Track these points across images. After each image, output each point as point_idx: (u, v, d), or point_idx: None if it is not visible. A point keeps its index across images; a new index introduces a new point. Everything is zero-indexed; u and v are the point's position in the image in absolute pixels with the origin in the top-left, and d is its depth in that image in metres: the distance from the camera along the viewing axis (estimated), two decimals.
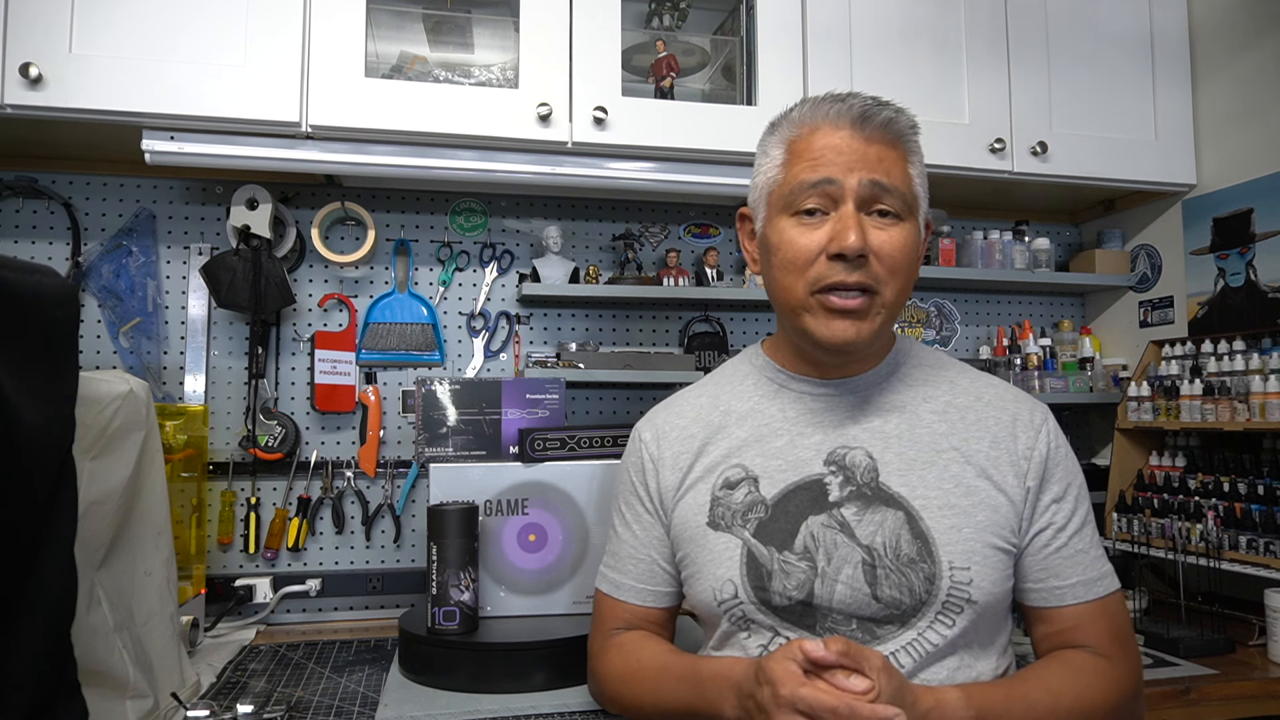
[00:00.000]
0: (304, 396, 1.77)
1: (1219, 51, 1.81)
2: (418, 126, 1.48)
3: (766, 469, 0.94)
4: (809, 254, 0.88)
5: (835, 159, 0.88)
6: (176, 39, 1.40)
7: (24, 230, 1.68)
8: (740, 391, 1.02)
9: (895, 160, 0.90)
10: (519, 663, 1.26)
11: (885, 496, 0.89)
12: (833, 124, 0.90)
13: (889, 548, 0.87)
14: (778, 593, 0.89)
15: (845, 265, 0.87)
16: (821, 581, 0.88)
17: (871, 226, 0.88)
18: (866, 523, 0.89)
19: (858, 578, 0.87)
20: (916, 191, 0.91)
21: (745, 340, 1.99)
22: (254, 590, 1.66)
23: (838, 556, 0.88)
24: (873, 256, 0.87)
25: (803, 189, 0.89)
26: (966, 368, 1.00)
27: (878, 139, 0.89)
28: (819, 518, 0.90)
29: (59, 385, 0.86)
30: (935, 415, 0.94)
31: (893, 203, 0.88)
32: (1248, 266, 1.71)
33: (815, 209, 0.89)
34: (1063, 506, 0.91)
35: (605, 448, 1.46)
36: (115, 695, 1.03)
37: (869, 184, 0.88)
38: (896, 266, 0.88)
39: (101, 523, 1.05)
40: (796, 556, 0.90)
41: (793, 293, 0.90)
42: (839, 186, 0.88)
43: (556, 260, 1.82)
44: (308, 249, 1.77)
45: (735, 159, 1.61)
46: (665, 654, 0.99)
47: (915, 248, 0.91)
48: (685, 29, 1.80)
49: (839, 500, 0.90)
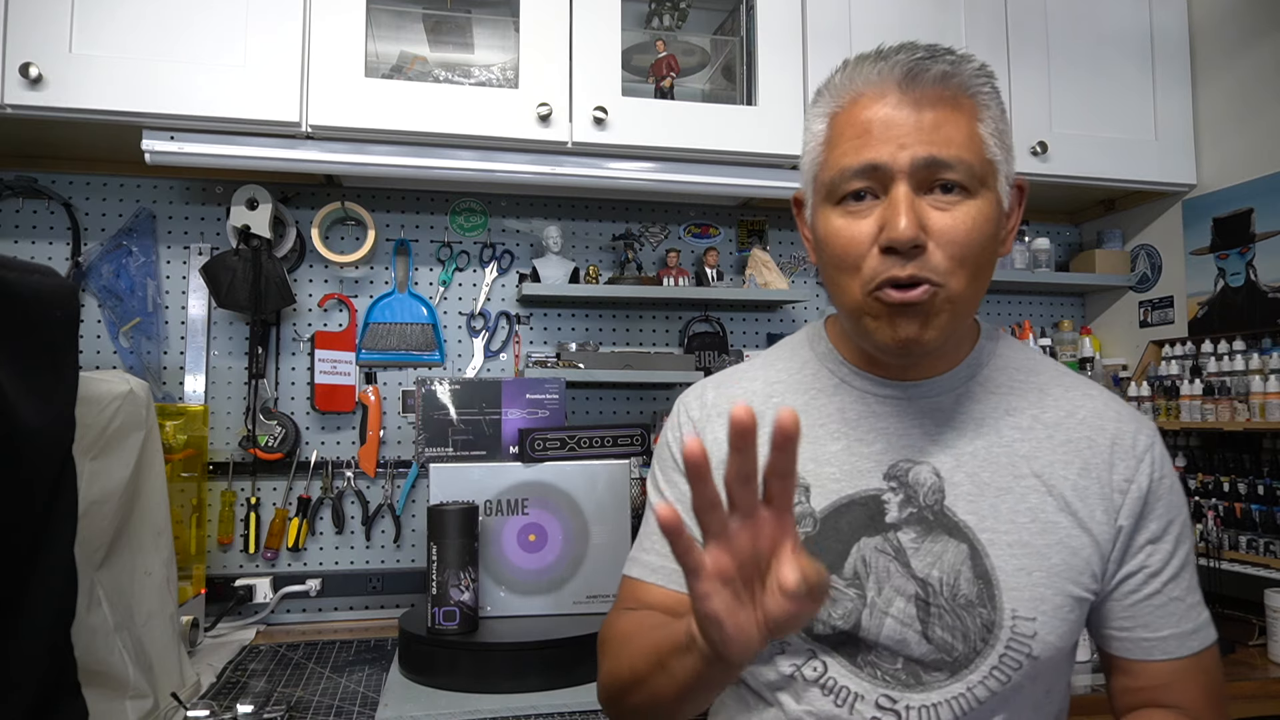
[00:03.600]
0: (304, 396, 1.77)
1: (1219, 51, 1.81)
2: (418, 126, 1.48)
3: (819, 477, 0.81)
4: (860, 247, 0.74)
5: (882, 135, 0.73)
6: (176, 39, 1.40)
7: (24, 230, 1.68)
8: (798, 381, 0.88)
9: (959, 123, 0.73)
10: (519, 663, 1.26)
11: (949, 524, 0.77)
12: (876, 90, 0.74)
13: (946, 584, 0.76)
14: (821, 620, 0.78)
15: (899, 258, 0.72)
16: (870, 613, 0.77)
17: (932, 208, 0.72)
18: (925, 552, 0.77)
19: (909, 613, 0.76)
20: (991, 156, 0.74)
21: (745, 340, 1.99)
22: (254, 590, 1.66)
23: (889, 587, 0.77)
24: (932, 244, 0.72)
25: (845, 176, 0.74)
26: (1064, 373, 0.84)
27: (933, 100, 0.73)
28: (873, 540, 0.79)
29: (59, 385, 0.86)
30: (1018, 432, 0.79)
31: (957, 176, 0.72)
32: (1248, 266, 1.71)
33: (864, 191, 0.74)
34: (1159, 548, 0.77)
35: (605, 448, 1.46)
36: (115, 695, 1.03)
37: (924, 161, 0.72)
38: (964, 254, 0.72)
39: (101, 523, 1.05)
40: (845, 583, 0.78)
41: (848, 294, 0.76)
42: (887, 169, 0.72)
43: (556, 260, 1.82)
44: (308, 249, 1.77)
45: (735, 159, 1.61)
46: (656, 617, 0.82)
47: (989, 226, 0.74)
48: (685, 29, 1.80)
49: (896, 522, 0.78)
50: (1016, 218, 0.80)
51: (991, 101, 0.76)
